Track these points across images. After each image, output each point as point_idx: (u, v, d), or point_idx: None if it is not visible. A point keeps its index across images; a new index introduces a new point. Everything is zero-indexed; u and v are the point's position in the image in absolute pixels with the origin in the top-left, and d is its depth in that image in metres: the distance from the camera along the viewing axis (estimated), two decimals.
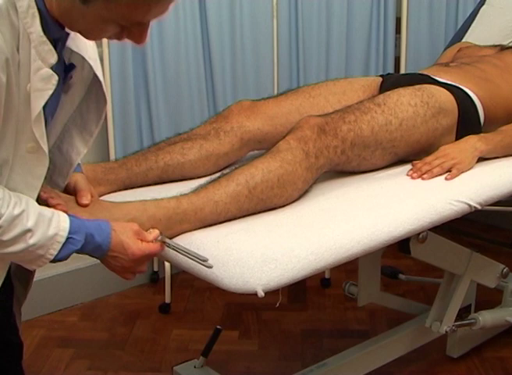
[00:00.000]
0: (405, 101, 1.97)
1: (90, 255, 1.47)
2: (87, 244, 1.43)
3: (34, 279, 1.81)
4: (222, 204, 1.65)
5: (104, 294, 3.14)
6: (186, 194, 1.66)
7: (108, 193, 1.88)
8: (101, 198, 1.84)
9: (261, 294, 1.44)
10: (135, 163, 1.92)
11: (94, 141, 1.59)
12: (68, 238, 1.39)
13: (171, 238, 1.60)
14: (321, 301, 3.12)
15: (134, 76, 2.87)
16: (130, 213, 1.58)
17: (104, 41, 2.77)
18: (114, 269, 1.52)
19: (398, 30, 3.43)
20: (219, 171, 2.00)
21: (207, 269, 1.51)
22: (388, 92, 2.01)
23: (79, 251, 1.43)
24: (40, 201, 1.47)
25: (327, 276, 3.24)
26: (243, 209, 1.68)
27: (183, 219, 1.62)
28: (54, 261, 1.41)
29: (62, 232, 1.39)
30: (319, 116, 1.87)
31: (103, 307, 3.07)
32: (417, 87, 2.04)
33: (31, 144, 1.35)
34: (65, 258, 1.42)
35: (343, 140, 1.84)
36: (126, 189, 1.91)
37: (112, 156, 2.87)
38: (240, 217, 1.70)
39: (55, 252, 1.39)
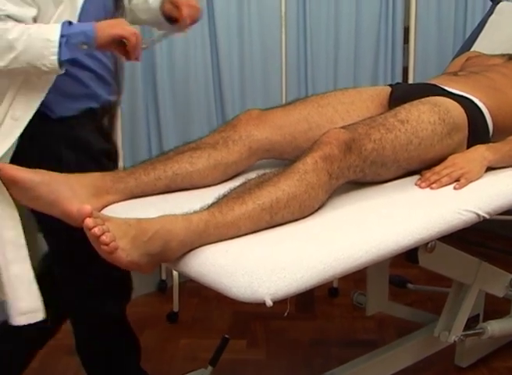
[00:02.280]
0: (425, 119, 1.95)
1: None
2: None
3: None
4: (244, 229, 1.65)
5: None
6: (213, 214, 1.63)
7: (117, 202, 1.89)
8: (111, 207, 1.86)
9: (269, 303, 1.44)
10: (143, 172, 1.92)
11: None
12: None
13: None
14: (329, 310, 3.12)
15: (143, 86, 2.89)
16: (162, 238, 1.58)
17: None
18: (104, 34, 1.85)
19: (406, 40, 3.43)
20: (228, 180, 2.00)
21: (214, 278, 1.52)
22: (407, 106, 1.99)
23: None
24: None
25: (335, 285, 3.24)
26: (259, 230, 1.68)
27: (206, 240, 1.62)
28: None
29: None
30: (347, 129, 1.84)
31: None
32: (433, 101, 2.03)
33: None
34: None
35: (364, 159, 1.82)
36: (134, 198, 1.91)
37: (121, 165, 2.88)
38: None
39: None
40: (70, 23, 1.85)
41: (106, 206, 1.87)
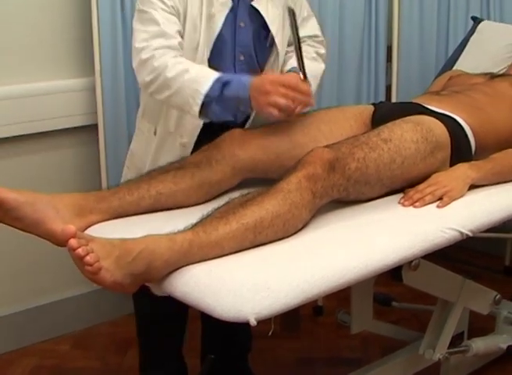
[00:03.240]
0: (408, 138, 1.96)
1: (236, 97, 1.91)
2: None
3: (27, 307, 1.85)
4: (228, 248, 1.65)
5: (96, 322, 3.13)
6: (197, 234, 1.63)
7: (101, 221, 1.88)
8: (94, 226, 1.85)
9: (253, 322, 1.45)
10: (127, 192, 1.91)
11: (86, 170, 1.60)
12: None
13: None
14: (314, 329, 3.11)
15: (127, 105, 2.88)
16: (146, 258, 1.57)
17: (97, 69, 2.78)
18: (259, 102, 1.88)
19: (389, 59, 3.45)
20: (211, 199, 2.00)
21: (199, 297, 1.52)
22: (390, 125, 2.00)
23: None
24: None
25: (320, 303, 3.23)
26: (242, 249, 1.68)
27: (190, 260, 1.62)
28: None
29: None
30: (330, 148, 1.85)
31: (95, 335, 3.06)
32: (416, 120, 2.04)
33: None
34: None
35: (348, 178, 1.83)
36: (118, 217, 1.91)
37: (104, 185, 2.87)
38: None
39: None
40: (227, 82, 1.90)
41: (90, 226, 1.86)
